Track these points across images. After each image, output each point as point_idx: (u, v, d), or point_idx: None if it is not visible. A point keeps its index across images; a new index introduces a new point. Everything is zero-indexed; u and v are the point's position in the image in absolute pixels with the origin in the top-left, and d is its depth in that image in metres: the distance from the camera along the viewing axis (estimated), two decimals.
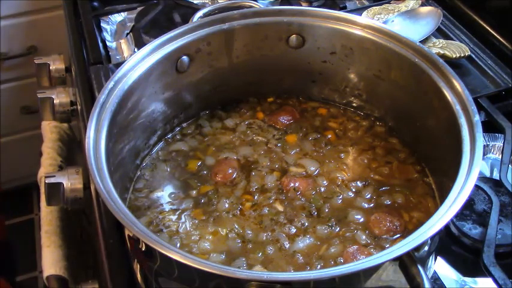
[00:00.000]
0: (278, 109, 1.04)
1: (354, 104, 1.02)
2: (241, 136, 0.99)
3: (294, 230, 0.84)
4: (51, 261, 0.98)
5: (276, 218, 0.85)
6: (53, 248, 1.00)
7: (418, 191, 0.89)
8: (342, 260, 0.79)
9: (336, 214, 0.86)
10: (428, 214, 0.79)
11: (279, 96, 1.06)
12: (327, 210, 0.87)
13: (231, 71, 1.00)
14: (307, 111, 1.04)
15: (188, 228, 0.85)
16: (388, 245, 0.81)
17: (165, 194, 0.90)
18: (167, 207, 0.88)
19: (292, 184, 0.90)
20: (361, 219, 0.85)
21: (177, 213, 0.87)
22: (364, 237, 0.82)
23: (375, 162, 0.94)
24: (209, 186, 0.91)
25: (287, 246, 0.82)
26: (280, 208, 0.87)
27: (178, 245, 0.82)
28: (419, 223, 0.80)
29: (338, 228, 0.84)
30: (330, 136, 0.99)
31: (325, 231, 0.84)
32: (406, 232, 0.83)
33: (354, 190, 0.90)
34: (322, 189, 0.90)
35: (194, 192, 0.90)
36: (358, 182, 0.91)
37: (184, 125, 1.01)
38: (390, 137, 0.98)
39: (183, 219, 0.86)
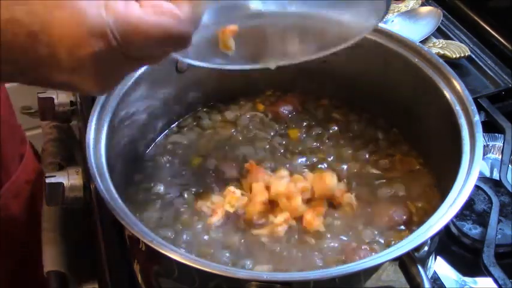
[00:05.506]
0: (278, 100, 1.03)
1: (354, 104, 1.02)
2: (243, 131, 0.98)
3: None
4: (51, 257, 0.97)
5: None
6: (53, 245, 1.00)
7: (422, 181, 0.88)
8: (344, 257, 0.79)
9: None
10: (432, 204, 0.80)
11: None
12: None
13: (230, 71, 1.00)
14: (309, 102, 1.03)
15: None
16: (392, 238, 0.80)
17: (164, 192, 0.90)
18: (167, 205, 0.88)
19: None
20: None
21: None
22: (366, 232, 0.81)
23: (377, 155, 0.93)
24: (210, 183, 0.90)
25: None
26: None
27: None
28: (425, 213, 0.80)
29: None
30: (332, 128, 0.98)
31: None
32: (410, 224, 0.82)
33: (356, 183, 0.88)
34: None
35: (194, 189, 0.90)
36: (360, 175, 0.89)
37: (184, 122, 1.01)
38: (392, 128, 0.97)
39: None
